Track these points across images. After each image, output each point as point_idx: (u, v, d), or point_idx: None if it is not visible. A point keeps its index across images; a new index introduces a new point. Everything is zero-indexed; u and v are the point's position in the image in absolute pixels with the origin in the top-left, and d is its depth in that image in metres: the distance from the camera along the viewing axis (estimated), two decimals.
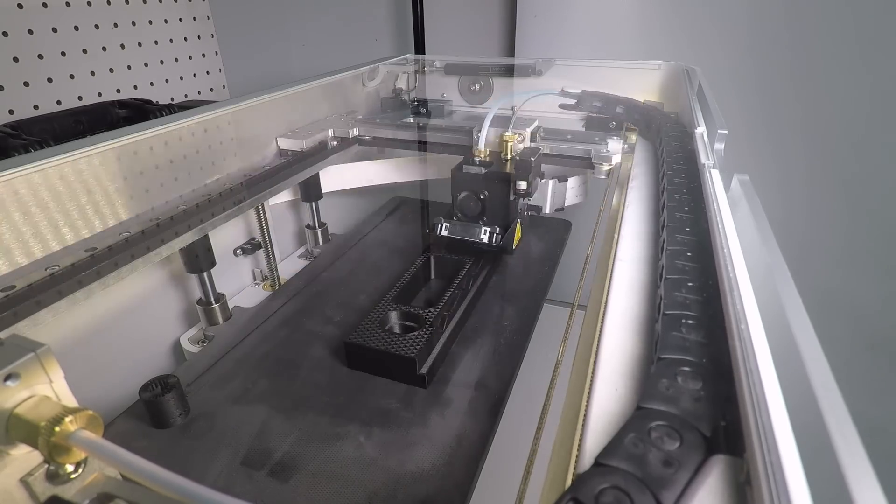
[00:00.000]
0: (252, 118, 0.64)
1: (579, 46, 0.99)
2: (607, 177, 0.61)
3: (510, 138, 0.59)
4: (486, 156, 0.59)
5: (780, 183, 0.95)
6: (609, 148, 0.62)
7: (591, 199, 0.67)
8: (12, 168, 0.40)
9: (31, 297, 0.37)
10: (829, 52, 0.86)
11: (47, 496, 0.21)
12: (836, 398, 0.19)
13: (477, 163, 0.58)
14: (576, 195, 0.70)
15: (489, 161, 0.59)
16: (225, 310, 0.61)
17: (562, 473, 0.25)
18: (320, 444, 0.41)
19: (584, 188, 0.73)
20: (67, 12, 0.91)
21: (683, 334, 0.24)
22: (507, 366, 0.50)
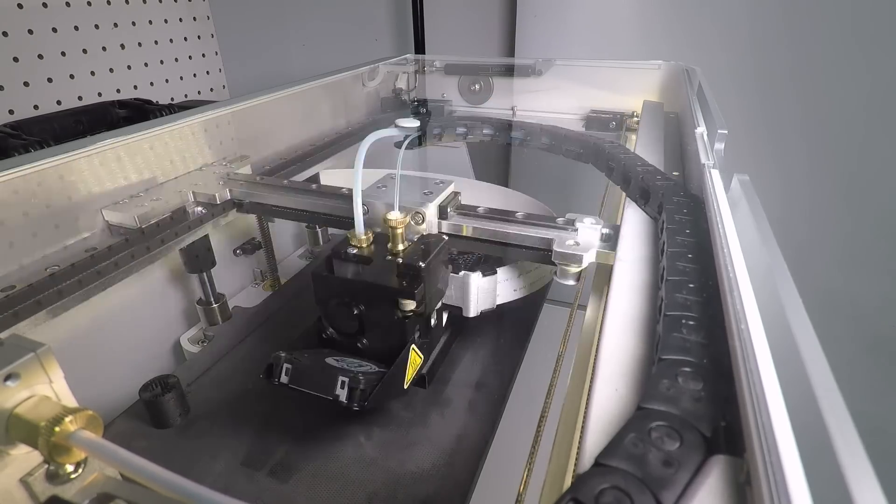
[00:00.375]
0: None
1: (579, 46, 0.99)
2: (577, 282, 0.39)
3: (397, 223, 0.38)
4: (368, 245, 0.39)
5: (780, 183, 0.95)
6: (579, 238, 0.39)
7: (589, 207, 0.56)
8: (12, 168, 0.40)
9: (31, 297, 0.37)
10: (829, 52, 0.86)
11: (47, 496, 0.21)
12: (836, 398, 0.19)
13: (352, 257, 0.39)
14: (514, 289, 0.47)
15: (367, 256, 0.39)
16: (225, 310, 0.61)
17: (562, 473, 0.25)
18: (320, 444, 0.41)
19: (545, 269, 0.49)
20: (67, 12, 0.91)
21: (684, 335, 0.24)
22: (507, 366, 0.50)
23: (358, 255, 0.39)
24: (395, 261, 0.38)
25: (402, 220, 0.38)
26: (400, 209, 0.39)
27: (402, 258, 0.38)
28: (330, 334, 0.41)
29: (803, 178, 0.94)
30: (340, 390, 0.35)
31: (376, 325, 0.39)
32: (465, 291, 0.45)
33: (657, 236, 0.36)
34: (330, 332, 0.41)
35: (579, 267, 0.38)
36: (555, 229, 0.40)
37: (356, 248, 0.39)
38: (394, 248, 0.39)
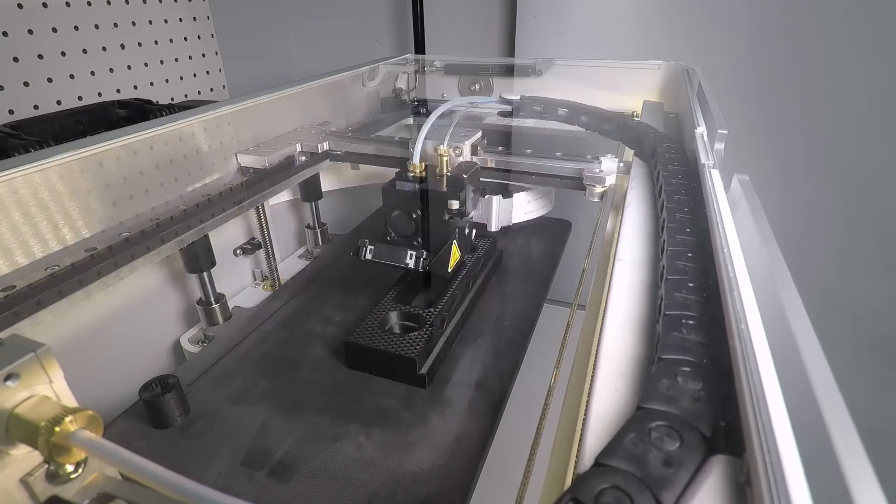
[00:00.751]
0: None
1: (579, 46, 0.99)
2: (601, 200, 0.55)
3: (444, 152, 0.53)
4: (421, 171, 0.53)
5: (780, 183, 0.95)
6: (603, 167, 0.55)
7: (590, 204, 0.61)
8: (12, 168, 0.40)
9: (31, 297, 0.37)
10: (829, 52, 0.86)
11: (47, 496, 0.21)
12: (836, 398, 0.19)
13: (410, 178, 0.53)
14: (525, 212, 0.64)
15: (423, 177, 0.53)
16: (225, 310, 0.61)
17: (562, 473, 0.25)
18: (320, 444, 0.41)
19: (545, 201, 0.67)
20: (67, 12, 0.91)
21: (684, 335, 0.24)
22: (507, 366, 0.50)
23: (415, 176, 0.53)
24: (445, 176, 0.54)
25: (447, 150, 0.54)
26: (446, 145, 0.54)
27: (449, 173, 0.54)
28: (393, 237, 0.55)
29: (803, 178, 0.94)
30: (409, 260, 0.51)
31: (429, 225, 0.53)
32: (489, 210, 0.63)
33: (657, 236, 0.36)
34: (392, 236, 0.55)
35: (604, 187, 0.54)
36: (585, 162, 0.56)
37: (412, 172, 0.53)
38: (441, 170, 0.54)
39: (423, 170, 0.53)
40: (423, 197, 0.52)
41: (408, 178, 0.53)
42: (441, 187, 0.52)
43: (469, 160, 0.57)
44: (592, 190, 0.54)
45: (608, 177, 0.53)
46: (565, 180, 0.57)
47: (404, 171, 0.53)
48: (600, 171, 0.54)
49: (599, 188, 0.54)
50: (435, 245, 0.53)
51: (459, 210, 0.52)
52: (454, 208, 0.51)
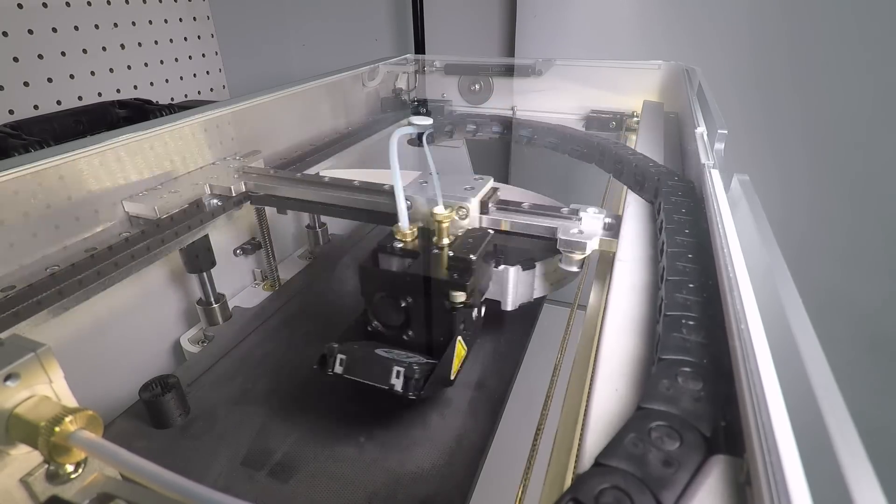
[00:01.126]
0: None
1: (579, 46, 0.99)
2: (580, 269, 0.41)
3: (443, 218, 0.39)
4: (412, 239, 0.40)
5: (780, 183, 0.95)
6: (583, 227, 0.40)
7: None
8: (12, 168, 0.40)
9: (31, 297, 0.37)
10: (830, 52, 0.86)
11: (47, 496, 0.21)
12: (836, 398, 0.19)
13: (398, 251, 0.40)
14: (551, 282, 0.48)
15: (414, 249, 0.40)
16: (225, 310, 0.61)
17: (562, 473, 0.25)
18: (320, 444, 0.41)
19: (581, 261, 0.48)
20: (67, 12, 0.91)
21: (684, 335, 0.24)
22: (507, 366, 0.50)
23: (404, 248, 0.40)
24: (446, 253, 0.39)
25: (449, 214, 0.40)
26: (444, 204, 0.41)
27: (452, 251, 0.39)
28: (375, 327, 0.41)
29: (803, 178, 0.94)
30: (396, 380, 0.36)
31: (424, 317, 0.39)
32: (504, 285, 0.46)
33: (657, 236, 0.36)
34: (375, 325, 0.41)
35: (583, 254, 0.39)
36: (559, 219, 0.41)
37: (402, 241, 0.40)
38: (439, 241, 0.40)
39: (415, 237, 0.41)
40: (416, 282, 0.39)
41: (394, 249, 0.40)
42: (440, 267, 0.38)
43: (477, 227, 0.43)
44: (569, 257, 0.40)
45: (590, 241, 0.39)
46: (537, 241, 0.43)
47: (389, 240, 0.41)
48: (579, 233, 0.40)
49: (578, 255, 0.40)
50: (437, 337, 0.40)
51: (466, 302, 0.38)
52: (458, 301, 0.37)
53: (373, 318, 0.41)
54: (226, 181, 0.52)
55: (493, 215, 0.44)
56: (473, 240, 0.40)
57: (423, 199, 0.43)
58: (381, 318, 0.41)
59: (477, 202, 0.43)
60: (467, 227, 0.43)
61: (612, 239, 0.39)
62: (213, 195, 0.52)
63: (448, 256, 0.39)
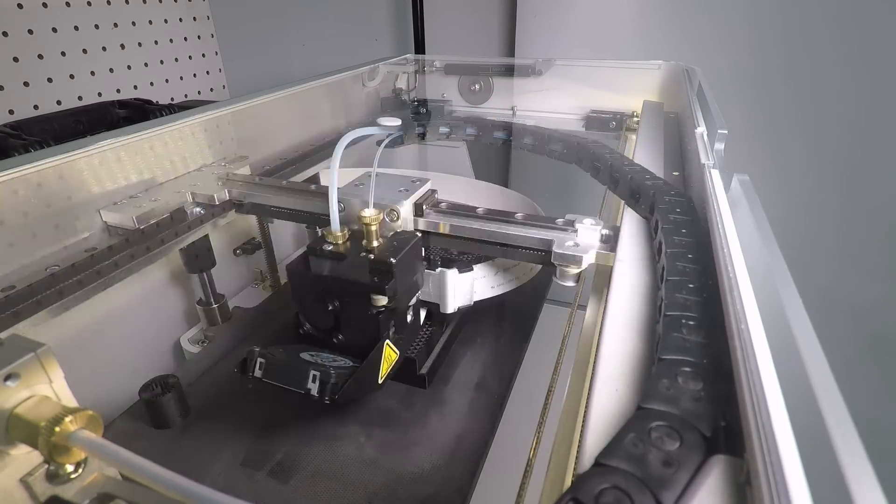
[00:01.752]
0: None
1: (579, 46, 0.99)
2: (576, 283, 0.39)
3: (370, 219, 0.38)
4: (344, 241, 0.40)
5: (780, 183, 0.95)
6: (579, 239, 0.39)
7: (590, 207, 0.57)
8: (12, 168, 0.40)
9: (31, 297, 0.37)
10: (829, 52, 0.86)
11: (47, 496, 0.21)
12: (836, 398, 0.19)
13: (328, 253, 0.39)
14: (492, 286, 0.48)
15: (342, 253, 0.39)
16: (225, 310, 0.61)
17: (562, 473, 0.25)
18: (320, 444, 0.41)
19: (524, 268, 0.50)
20: (67, 12, 0.91)
21: (684, 335, 0.24)
22: (507, 366, 0.50)
23: (333, 251, 0.39)
24: (368, 257, 0.38)
25: (376, 216, 0.39)
26: (375, 206, 0.40)
27: (374, 254, 0.38)
28: (307, 330, 0.41)
29: (803, 178, 0.94)
30: (312, 384, 0.35)
31: (351, 321, 0.39)
32: (443, 288, 0.46)
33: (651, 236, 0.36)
34: (307, 328, 0.41)
35: (579, 268, 0.38)
36: (554, 230, 0.40)
37: (332, 244, 0.40)
38: (368, 244, 0.39)
39: (346, 239, 0.40)
40: (341, 285, 0.38)
41: (324, 251, 0.39)
42: (364, 272, 0.38)
43: (408, 230, 0.42)
44: (565, 272, 0.38)
45: (586, 255, 0.38)
46: (528, 253, 0.41)
47: (320, 242, 0.40)
48: (575, 245, 0.38)
49: (574, 269, 0.38)
50: (364, 340, 0.39)
51: (386, 307, 0.37)
52: (380, 304, 0.37)
53: (304, 321, 0.41)
54: (209, 189, 0.51)
55: (429, 218, 0.43)
56: (398, 243, 0.40)
57: (358, 200, 0.42)
58: (310, 321, 0.41)
59: (410, 204, 0.42)
60: (398, 231, 0.42)
61: (609, 252, 0.37)
62: (195, 203, 0.51)
63: (369, 260, 0.38)
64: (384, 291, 0.37)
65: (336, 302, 0.39)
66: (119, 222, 0.47)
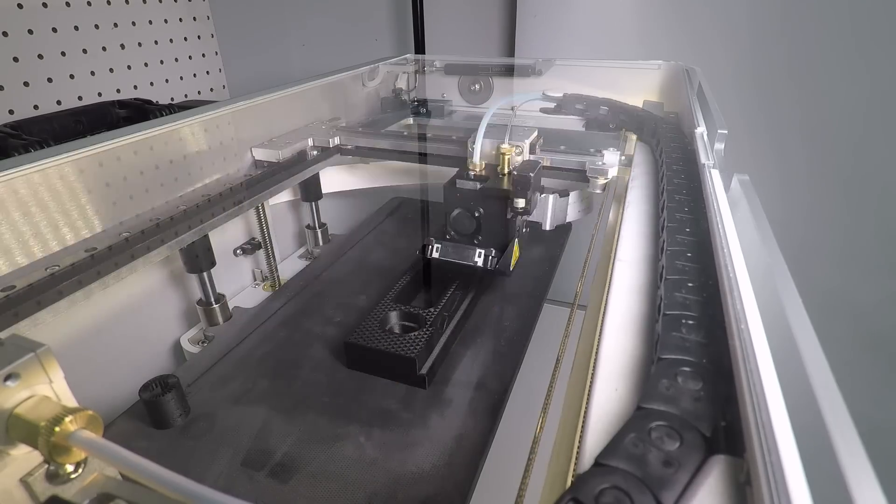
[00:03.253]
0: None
1: (579, 46, 0.99)
2: (603, 191, 0.56)
3: (507, 151, 0.53)
4: (481, 169, 0.54)
5: (780, 183, 0.95)
6: (605, 160, 0.57)
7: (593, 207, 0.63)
8: (12, 168, 0.40)
9: (31, 297, 0.37)
10: (829, 52, 0.86)
11: (47, 496, 0.21)
12: (836, 398, 0.19)
13: (472, 177, 0.53)
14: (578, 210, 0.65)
15: (485, 175, 0.53)
16: (225, 310, 0.61)
17: (562, 473, 0.25)
18: (320, 444, 0.41)
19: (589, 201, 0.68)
20: (67, 12, 0.91)
21: (683, 335, 0.24)
22: (508, 366, 0.50)
23: (477, 175, 0.53)
24: (509, 175, 0.53)
25: (511, 148, 0.54)
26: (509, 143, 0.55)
27: (515, 172, 0.51)
28: (453, 236, 0.54)
29: (803, 178, 0.94)
30: (477, 259, 0.52)
31: (491, 224, 0.52)
32: (545, 209, 0.62)
33: (657, 236, 0.36)
34: (452, 234, 0.54)
35: (605, 179, 0.56)
36: (587, 156, 0.59)
37: (473, 171, 0.54)
38: (502, 169, 0.54)
39: (483, 168, 0.54)
40: (489, 196, 0.52)
41: (468, 176, 0.53)
42: (505, 186, 0.52)
43: (530, 158, 0.58)
44: (595, 182, 0.56)
45: (610, 169, 0.56)
46: (570, 173, 0.60)
47: (464, 170, 0.54)
48: (602, 164, 0.56)
49: (602, 180, 0.56)
50: (495, 243, 0.52)
51: (525, 209, 0.51)
52: (520, 207, 0.50)
53: (450, 229, 0.54)
54: (324, 136, 0.68)
55: (537, 154, 0.60)
56: (530, 165, 0.54)
57: (489, 142, 0.56)
58: (457, 228, 0.54)
59: (527, 144, 0.58)
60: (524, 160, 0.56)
61: (626, 167, 0.56)
62: (314, 147, 0.68)
63: (513, 175, 0.51)
64: (525, 196, 0.50)
65: (482, 209, 0.52)
66: (266, 157, 0.63)
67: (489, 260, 0.51)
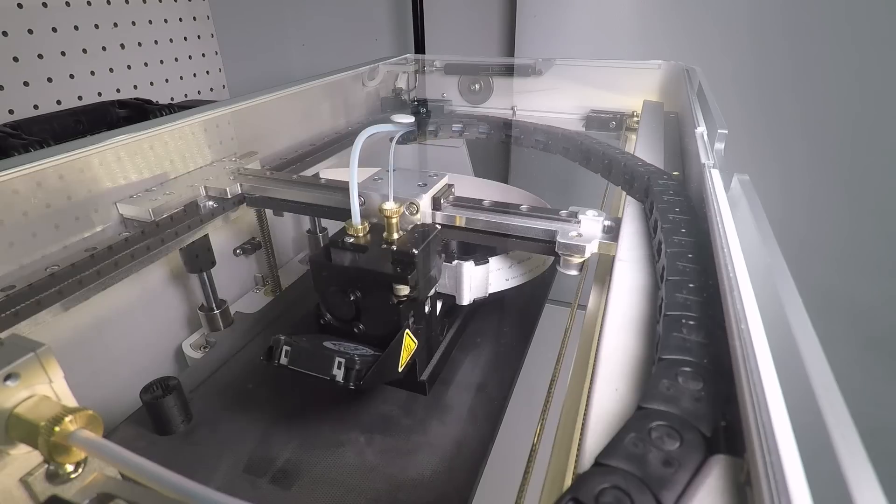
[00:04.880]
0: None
1: (579, 46, 0.99)
2: (580, 272, 0.40)
3: (391, 213, 0.39)
4: (364, 234, 0.41)
5: (780, 183, 0.95)
6: (582, 230, 0.40)
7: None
8: (12, 168, 0.40)
9: (31, 297, 0.37)
10: (829, 52, 0.86)
11: (47, 496, 0.21)
12: (836, 398, 0.19)
13: (349, 246, 0.40)
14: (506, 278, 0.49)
15: (364, 245, 0.40)
16: (226, 316, 0.61)
17: (562, 473, 0.25)
18: (322, 450, 0.41)
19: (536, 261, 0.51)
20: (67, 12, 0.91)
21: (684, 335, 0.24)
22: (508, 371, 0.50)
23: (354, 243, 0.41)
24: (390, 248, 0.40)
25: (397, 210, 0.40)
26: (395, 200, 0.41)
27: (396, 246, 0.40)
28: (328, 320, 0.43)
29: (804, 178, 0.94)
30: (337, 370, 0.36)
31: (372, 311, 0.41)
32: (459, 279, 0.47)
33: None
34: (328, 318, 0.43)
35: (582, 257, 0.39)
36: (558, 221, 0.41)
37: (353, 237, 0.41)
38: (389, 237, 0.41)
39: (367, 232, 0.41)
40: (363, 276, 0.40)
41: (345, 244, 0.40)
42: (385, 262, 0.39)
43: (427, 223, 0.44)
44: (568, 261, 0.40)
45: (589, 244, 0.39)
46: (534, 244, 0.42)
47: (341, 235, 0.41)
48: (578, 236, 0.39)
49: (577, 258, 0.40)
50: (385, 330, 0.40)
51: (409, 295, 0.39)
52: (402, 294, 0.39)
53: (325, 311, 0.43)
54: (222, 183, 0.52)
55: (446, 211, 0.44)
56: (419, 234, 0.41)
57: (378, 195, 0.43)
58: (332, 311, 0.42)
59: (428, 198, 0.43)
60: (417, 224, 0.43)
61: (611, 242, 0.38)
62: (208, 197, 0.52)
63: (392, 251, 0.40)
64: (406, 281, 0.38)
65: (358, 292, 0.40)
66: (135, 215, 0.47)
67: (352, 374, 0.36)
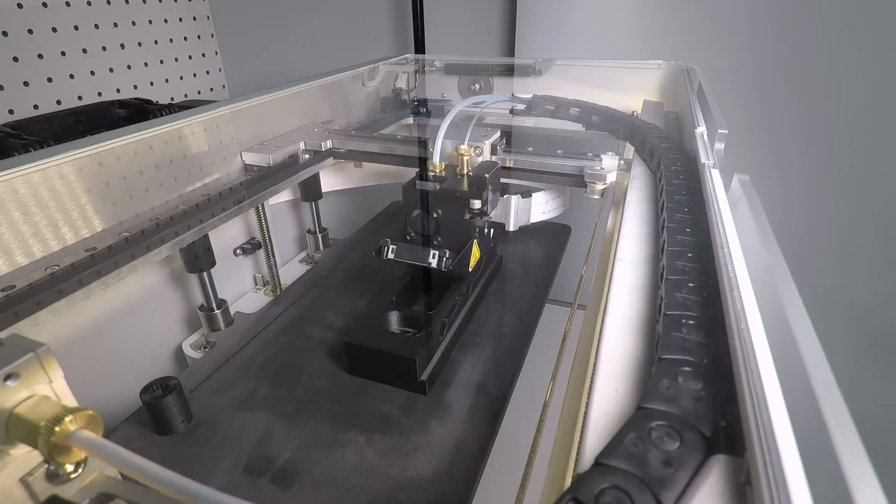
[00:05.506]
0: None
1: (579, 46, 0.99)
2: (601, 197, 0.56)
3: (465, 152, 0.54)
4: (441, 170, 0.54)
5: (780, 183, 0.95)
6: (603, 164, 0.57)
7: (590, 206, 0.60)
8: (12, 168, 0.40)
9: (31, 297, 0.37)
10: (829, 52, 0.86)
11: (47, 496, 0.21)
12: (836, 398, 0.19)
13: (431, 178, 0.53)
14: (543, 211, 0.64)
15: (443, 177, 0.54)
16: (226, 315, 0.61)
17: (562, 473, 0.25)
18: (322, 450, 0.41)
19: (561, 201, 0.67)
20: (67, 12, 0.91)
21: (684, 335, 0.24)
22: (508, 371, 0.50)
23: (437, 175, 0.54)
24: (467, 176, 0.54)
25: (469, 150, 0.55)
26: (468, 144, 0.55)
27: (471, 173, 0.54)
28: (413, 237, 0.55)
29: (804, 178, 0.94)
30: (432, 259, 0.50)
31: (449, 226, 0.53)
32: (508, 209, 0.65)
33: (657, 235, 0.36)
34: (412, 235, 0.54)
35: (605, 184, 0.56)
36: (585, 160, 0.58)
37: (432, 172, 0.54)
38: (461, 170, 0.55)
39: (442, 169, 0.54)
40: (445, 196, 0.52)
41: (428, 177, 0.53)
42: (462, 187, 0.52)
43: (489, 160, 0.58)
44: (593, 187, 0.56)
45: (609, 174, 0.55)
46: (567, 178, 0.59)
47: (424, 171, 0.54)
48: (601, 169, 0.56)
49: (600, 185, 0.56)
50: (455, 245, 0.52)
51: (481, 210, 0.51)
52: (476, 208, 0.51)
53: (410, 230, 0.54)
54: (315, 140, 0.68)
55: (498, 155, 0.62)
56: (487, 166, 0.56)
57: (450, 143, 0.57)
58: (416, 229, 0.54)
59: (489, 144, 0.60)
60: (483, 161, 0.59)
61: (624, 172, 0.54)
62: (306, 150, 0.67)
63: (468, 176, 0.54)
64: (480, 197, 0.51)
65: (439, 209, 0.52)
66: (255, 161, 0.63)
67: (443, 261, 0.50)
